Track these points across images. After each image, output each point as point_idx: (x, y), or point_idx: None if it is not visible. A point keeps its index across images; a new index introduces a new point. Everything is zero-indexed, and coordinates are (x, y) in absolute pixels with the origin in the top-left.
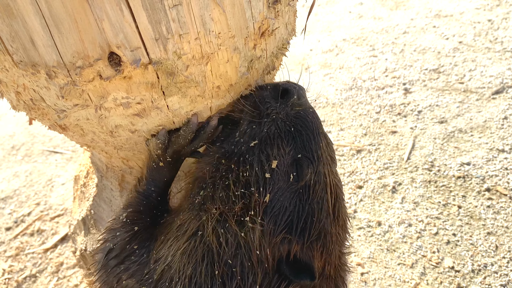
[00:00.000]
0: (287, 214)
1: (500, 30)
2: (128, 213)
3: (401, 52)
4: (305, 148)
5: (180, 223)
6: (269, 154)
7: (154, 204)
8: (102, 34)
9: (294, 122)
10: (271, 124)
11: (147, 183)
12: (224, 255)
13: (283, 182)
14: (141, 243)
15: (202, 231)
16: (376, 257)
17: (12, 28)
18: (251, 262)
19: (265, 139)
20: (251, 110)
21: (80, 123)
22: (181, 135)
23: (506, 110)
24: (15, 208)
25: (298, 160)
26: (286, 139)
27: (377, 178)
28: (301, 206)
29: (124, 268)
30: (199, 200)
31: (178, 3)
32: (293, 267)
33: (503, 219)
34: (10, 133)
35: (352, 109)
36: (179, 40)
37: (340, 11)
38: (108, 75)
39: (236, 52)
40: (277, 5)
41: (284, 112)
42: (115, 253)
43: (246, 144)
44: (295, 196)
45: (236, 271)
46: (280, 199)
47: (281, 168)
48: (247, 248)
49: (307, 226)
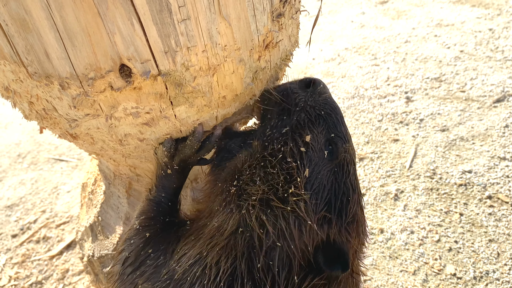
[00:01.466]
0: (326, 191)
1: (501, 39)
2: (141, 221)
3: (402, 61)
4: (337, 129)
5: (218, 225)
6: (302, 133)
7: (165, 210)
8: (114, 47)
9: (323, 106)
10: (300, 112)
11: (157, 190)
12: (265, 246)
13: (319, 159)
14: (155, 246)
15: (244, 227)
16: (379, 264)
17: (28, 42)
18: (291, 252)
19: (296, 125)
20: (279, 103)
21: (91, 132)
22: (188, 145)
23: (507, 118)
24: (21, 215)
25: (331, 139)
26: (317, 122)
27: (379, 185)
28: (337, 184)
29: (140, 273)
30: (234, 191)
31: (187, 17)
32: (326, 256)
33: (505, 227)
34: (16, 141)
35: (354, 117)
36: (187, 53)
37: (342, 20)
38: (119, 86)
39: (241, 64)
40: (281, 18)
41: (313, 99)
42: (130, 260)
43: (278, 132)
44: (331, 174)
45: (274, 263)
46: (318, 176)
47: (315, 146)
48: (288, 233)
49: (343, 206)
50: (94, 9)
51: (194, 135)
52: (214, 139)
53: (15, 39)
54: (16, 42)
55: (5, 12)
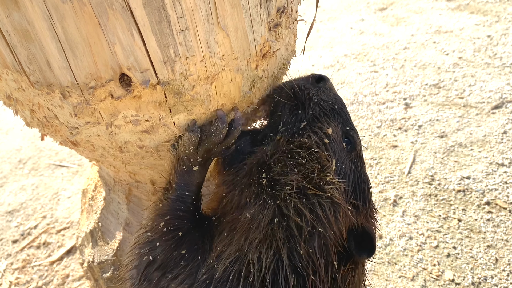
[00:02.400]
0: (350, 180)
1: (499, 46)
2: (166, 222)
3: (401, 68)
4: (349, 122)
5: (252, 217)
6: (321, 126)
7: (193, 208)
8: (114, 57)
9: (335, 101)
10: (315, 106)
11: (179, 188)
12: (304, 233)
13: (340, 150)
14: (189, 247)
15: (279, 216)
16: (378, 270)
17: (30, 51)
18: (329, 238)
19: (312, 119)
20: (291, 99)
21: (91, 139)
22: (214, 131)
23: (506, 125)
24: (21, 221)
25: (347, 132)
26: (333, 115)
27: (378, 191)
28: (357, 173)
29: (172, 277)
30: (265, 183)
31: (185, 28)
32: (356, 241)
33: (503, 232)
34: (17, 147)
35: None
36: (185, 62)
37: (341, 27)
38: (119, 94)
39: (239, 73)
40: (278, 29)
41: (325, 94)
42: (157, 264)
43: (296, 127)
44: (352, 164)
45: (314, 250)
46: (342, 166)
47: (336, 138)
48: (326, 219)
49: (366, 194)
50: (95, 20)
51: (219, 119)
52: (238, 123)
53: (17, 49)
54: (18, 52)
55: (8, 23)
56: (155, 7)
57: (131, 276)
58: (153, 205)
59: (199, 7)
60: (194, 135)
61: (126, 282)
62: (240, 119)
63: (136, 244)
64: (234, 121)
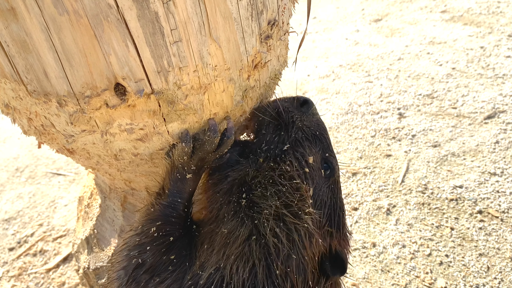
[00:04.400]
0: (326, 207)
1: (492, 57)
2: (158, 227)
3: (395, 78)
4: (329, 149)
5: (228, 231)
6: (303, 153)
7: (183, 215)
8: (109, 67)
9: (317, 127)
10: (298, 130)
11: (171, 195)
12: (281, 254)
13: (319, 177)
14: (179, 253)
15: (257, 235)
16: (371, 278)
17: (28, 61)
18: (304, 260)
19: (295, 142)
20: (275, 119)
21: (87, 147)
22: (207, 141)
23: (498, 135)
24: (18, 229)
25: (326, 158)
26: (314, 141)
27: (372, 200)
28: (334, 200)
29: (159, 281)
30: (244, 204)
31: (178, 39)
32: (331, 263)
33: (495, 241)
34: (15, 155)
35: (348, 133)
36: (179, 73)
37: (337, 38)
38: (114, 103)
39: (231, 83)
40: (269, 40)
41: (307, 119)
42: (146, 267)
43: (278, 148)
44: (329, 191)
45: (292, 270)
46: (320, 193)
47: (315, 165)
48: (301, 244)
49: (340, 220)
50: (91, 32)
51: (211, 129)
52: (231, 132)
53: (15, 59)
54: (16, 62)
55: (7, 34)
56: (149, 19)
57: (119, 277)
58: (144, 208)
59: (192, 20)
60: (186, 145)
61: (113, 282)
62: (232, 129)
63: (125, 246)
64: (227, 131)
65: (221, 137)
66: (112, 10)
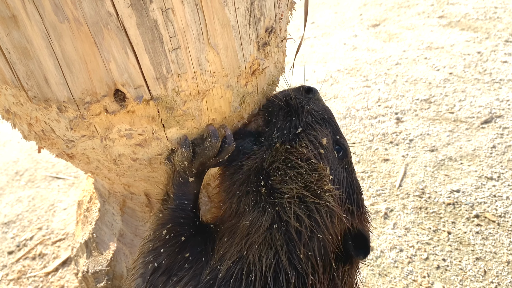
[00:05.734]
0: (344, 186)
1: (489, 62)
2: (168, 229)
3: (393, 83)
4: (339, 131)
5: (250, 223)
6: (316, 135)
7: (192, 215)
8: (109, 74)
9: (325, 111)
10: (308, 114)
11: (177, 198)
12: (303, 238)
13: (333, 158)
14: (193, 250)
15: (278, 222)
16: (368, 282)
17: (28, 68)
18: (326, 242)
19: (307, 125)
20: (284, 106)
21: (86, 152)
22: (208, 146)
23: (495, 139)
24: (17, 232)
25: (337, 140)
26: (324, 124)
27: (369, 204)
28: (350, 179)
29: (177, 280)
30: (264, 191)
31: (177, 47)
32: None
33: (491, 245)
34: (14, 159)
35: (346, 137)
36: (177, 79)
37: (335, 42)
38: (113, 109)
39: (229, 89)
40: (267, 47)
41: (314, 104)
42: (162, 269)
43: (292, 132)
44: (344, 171)
45: (314, 253)
46: (336, 173)
47: (329, 147)
48: (323, 224)
49: (359, 198)
50: (91, 39)
51: (211, 134)
52: (231, 139)
53: (16, 66)
54: (17, 68)
55: (8, 41)
56: (148, 27)
57: (137, 285)
58: (153, 216)
59: (191, 27)
60: (186, 150)
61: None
62: (231, 135)
63: (140, 254)
64: (226, 138)
65: (222, 144)
66: (112, 18)
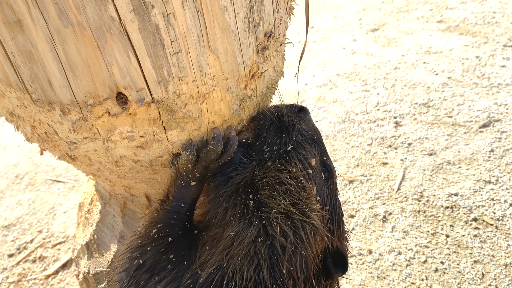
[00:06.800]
0: (327, 206)
1: (487, 66)
2: (159, 229)
3: (392, 87)
4: (326, 153)
5: (235, 234)
6: (306, 155)
7: (184, 218)
8: (111, 77)
9: (315, 132)
10: (298, 133)
11: (175, 200)
12: (287, 253)
13: (320, 179)
14: (177, 252)
15: (263, 235)
16: (367, 284)
17: (33, 71)
18: (307, 258)
19: (297, 144)
20: (276, 122)
21: (88, 154)
22: (210, 150)
23: (493, 143)
24: (18, 235)
25: (324, 161)
26: (313, 145)
27: (368, 207)
28: (333, 200)
29: (159, 279)
30: (252, 205)
31: (178, 51)
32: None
33: (489, 248)
34: (14, 162)
35: (345, 141)
36: (178, 82)
37: (334, 47)
38: (115, 112)
39: (229, 92)
40: (266, 51)
41: (305, 124)
42: (146, 267)
43: (282, 149)
44: (328, 191)
45: (296, 268)
46: (321, 193)
47: (317, 167)
48: (307, 241)
49: (340, 218)
50: (94, 43)
51: (215, 138)
52: (234, 141)
53: (21, 69)
54: (22, 71)
55: (13, 45)
56: (150, 31)
57: (120, 279)
58: (149, 214)
59: (191, 32)
60: (191, 153)
61: (115, 284)
62: (235, 138)
63: (127, 249)
64: (229, 139)
65: (224, 145)
66: (115, 23)
